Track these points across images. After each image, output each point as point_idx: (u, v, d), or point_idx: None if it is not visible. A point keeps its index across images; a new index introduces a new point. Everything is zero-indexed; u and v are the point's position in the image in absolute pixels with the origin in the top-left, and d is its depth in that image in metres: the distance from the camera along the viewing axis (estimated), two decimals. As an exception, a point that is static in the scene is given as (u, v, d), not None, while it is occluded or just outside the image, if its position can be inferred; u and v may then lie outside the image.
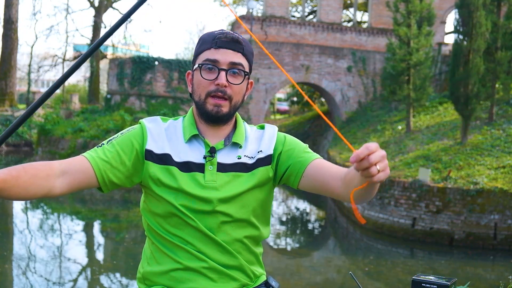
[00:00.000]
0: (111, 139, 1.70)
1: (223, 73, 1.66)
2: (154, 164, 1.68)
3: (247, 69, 1.70)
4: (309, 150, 1.80)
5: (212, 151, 1.69)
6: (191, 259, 1.67)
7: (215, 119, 1.70)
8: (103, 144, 1.69)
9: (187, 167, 1.68)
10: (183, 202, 1.66)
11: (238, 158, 1.72)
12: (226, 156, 1.71)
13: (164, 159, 1.68)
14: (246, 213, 1.72)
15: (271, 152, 1.76)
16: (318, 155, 1.76)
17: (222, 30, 1.71)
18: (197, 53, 1.71)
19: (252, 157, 1.74)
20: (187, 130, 1.72)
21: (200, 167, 1.68)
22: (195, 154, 1.70)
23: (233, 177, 1.70)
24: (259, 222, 1.76)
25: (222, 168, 1.70)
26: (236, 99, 1.69)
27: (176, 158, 1.68)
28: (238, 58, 1.68)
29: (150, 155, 1.68)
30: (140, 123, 1.74)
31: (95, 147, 1.68)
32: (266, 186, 1.76)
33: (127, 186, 1.71)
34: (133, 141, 1.69)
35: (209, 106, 1.67)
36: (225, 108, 1.68)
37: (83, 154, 1.65)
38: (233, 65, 1.67)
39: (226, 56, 1.66)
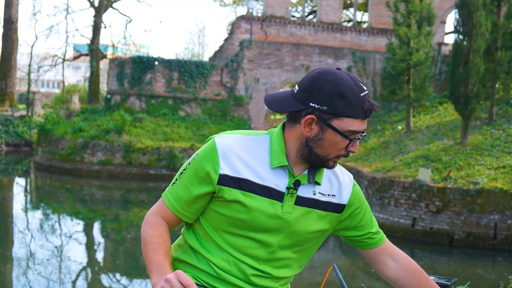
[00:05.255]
0: (183, 171, 1.71)
1: (358, 142, 1.67)
2: (231, 189, 1.64)
3: None
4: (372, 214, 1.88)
5: (297, 184, 1.67)
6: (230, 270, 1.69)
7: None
8: (179, 176, 1.72)
9: (267, 192, 1.64)
10: (253, 225, 1.66)
11: (313, 194, 1.71)
12: (303, 190, 1.69)
13: (241, 184, 1.64)
14: (303, 252, 1.75)
15: (345, 203, 1.77)
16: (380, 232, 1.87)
17: (367, 94, 1.63)
18: (339, 112, 1.59)
19: (324, 195, 1.73)
20: (277, 157, 1.66)
21: (280, 196, 1.65)
22: (278, 181, 1.66)
23: (306, 212, 1.69)
24: (299, 257, 1.78)
25: (299, 201, 1.68)
26: None
27: (257, 180, 1.64)
28: None
29: (225, 180, 1.64)
30: (213, 145, 1.67)
31: (172, 184, 1.73)
32: (327, 233, 1.80)
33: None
34: (205, 167, 1.65)
35: (331, 163, 1.67)
36: None
37: (164, 198, 1.73)
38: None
39: (365, 125, 1.65)
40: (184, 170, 1.70)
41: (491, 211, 10.80)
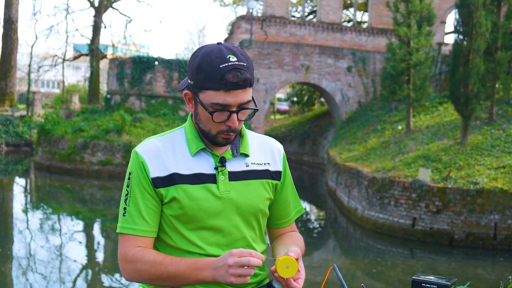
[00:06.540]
0: (127, 197, 1.66)
1: (235, 116, 1.61)
2: (165, 188, 1.65)
3: (252, 99, 1.66)
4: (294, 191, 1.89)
5: (223, 161, 1.68)
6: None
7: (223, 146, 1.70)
8: (126, 204, 1.67)
9: (198, 178, 1.65)
10: (198, 214, 1.65)
11: (246, 166, 1.72)
12: (234, 165, 1.71)
13: (172, 180, 1.64)
14: (255, 221, 1.76)
15: (281, 169, 1.81)
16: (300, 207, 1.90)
17: (231, 65, 1.56)
18: (200, 86, 1.60)
19: (260, 164, 1.75)
20: (193, 144, 1.69)
21: (212, 178, 1.66)
22: (205, 165, 1.68)
23: (245, 185, 1.70)
24: (260, 231, 1.80)
25: (234, 176, 1.69)
26: (241, 125, 1.69)
27: (185, 172, 1.65)
28: (248, 94, 1.62)
29: (158, 182, 1.65)
30: (135, 154, 1.68)
31: (123, 214, 1.66)
32: (270, 200, 1.80)
33: None
34: (141, 181, 1.65)
35: (220, 139, 1.66)
36: (233, 137, 1.67)
37: (125, 231, 1.65)
38: (243, 104, 1.62)
39: (236, 98, 1.58)
40: (127, 195, 1.67)
41: (491, 211, 10.80)
